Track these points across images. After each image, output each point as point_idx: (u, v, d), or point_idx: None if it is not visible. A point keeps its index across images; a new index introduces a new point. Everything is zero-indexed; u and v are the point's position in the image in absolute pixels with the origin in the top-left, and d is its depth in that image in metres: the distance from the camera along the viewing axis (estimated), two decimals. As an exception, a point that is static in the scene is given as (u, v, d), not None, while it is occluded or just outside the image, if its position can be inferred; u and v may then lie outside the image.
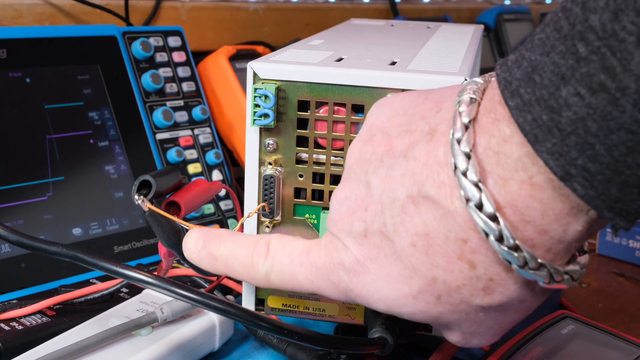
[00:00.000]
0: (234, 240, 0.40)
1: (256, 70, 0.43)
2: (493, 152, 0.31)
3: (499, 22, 1.18)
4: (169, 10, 0.85)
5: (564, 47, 0.29)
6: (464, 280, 0.33)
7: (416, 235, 0.33)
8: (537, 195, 0.31)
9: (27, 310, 0.52)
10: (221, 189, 0.49)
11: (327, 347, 0.42)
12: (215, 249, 0.40)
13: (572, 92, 0.28)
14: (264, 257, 0.38)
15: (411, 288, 0.34)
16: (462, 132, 0.32)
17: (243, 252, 0.39)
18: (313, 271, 0.37)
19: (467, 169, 0.31)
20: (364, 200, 0.35)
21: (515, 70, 0.31)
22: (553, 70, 0.29)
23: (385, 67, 0.43)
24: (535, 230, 0.31)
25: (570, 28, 0.29)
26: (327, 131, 0.43)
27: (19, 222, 0.58)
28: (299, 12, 0.99)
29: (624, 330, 0.52)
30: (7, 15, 0.72)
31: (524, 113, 0.30)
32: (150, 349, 0.46)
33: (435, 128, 0.34)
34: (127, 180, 0.67)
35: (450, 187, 0.32)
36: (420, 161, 0.33)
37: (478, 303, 0.34)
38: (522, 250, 0.31)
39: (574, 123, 0.28)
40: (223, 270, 0.40)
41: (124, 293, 0.56)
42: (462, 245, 0.32)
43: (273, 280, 0.38)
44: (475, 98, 0.33)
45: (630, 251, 0.75)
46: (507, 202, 0.31)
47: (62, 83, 0.65)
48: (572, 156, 0.29)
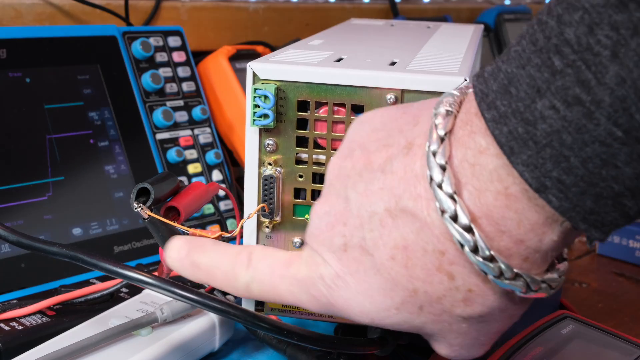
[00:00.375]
0: (216, 249, 0.40)
1: (256, 70, 0.43)
2: (469, 164, 0.31)
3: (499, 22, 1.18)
4: (169, 10, 0.85)
5: (539, 60, 0.29)
6: (444, 291, 0.33)
7: (395, 249, 0.33)
8: (513, 206, 0.31)
9: (27, 310, 0.52)
10: (219, 190, 0.49)
11: (327, 348, 0.42)
12: (197, 257, 0.40)
13: (548, 105, 0.29)
14: (246, 268, 0.38)
15: (394, 300, 0.34)
16: (437, 144, 0.32)
17: (225, 262, 0.39)
18: (294, 284, 0.37)
19: (442, 180, 0.31)
20: (343, 214, 0.35)
21: (491, 82, 0.31)
22: (529, 83, 0.29)
23: (385, 67, 0.43)
24: (512, 240, 0.31)
25: (545, 41, 0.29)
26: (327, 131, 0.43)
27: (19, 222, 0.58)
28: (299, 12, 0.99)
29: (624, 330, 0.52)
30: (7, 15, 0.72)
31: (500, 125, 0.30)
32: (150, 349, 0.46)
33: (412, 141, 0.34)
34: (127, 180, 0.67)
35: (427, 200, 0.32)
36: (397, 175, 0.33)
37: (459, 314, 0.34)
38: (498, 260, 0.31)
39: (549, 135, 0.29)
40: (205, 279, 0.40)
41: (124, 293, 0.56)
42: (440, 257, 0.32)
43: (253, 291, 0.38)
44: (451, 110, 0.33)
45: (630, 251, 0.75)
46: (482, 213, 0.31)
47: (62, 83, 0.65)
48: (547, 168, 0.29)
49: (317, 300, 0.36)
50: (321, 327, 0.54)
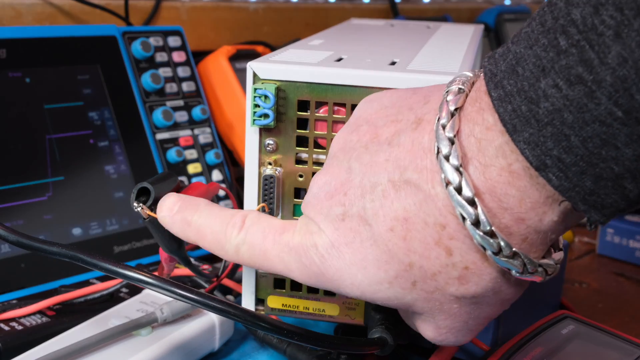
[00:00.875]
0: (210, 210, 0.39)
1: (256, 70, 0.43)
2: (476, 139, 0.32)
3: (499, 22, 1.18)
4: (168, 10, 0.85)
5: (546, 40, 0.29)
6: (440, 267, 0.33)
7: (395, 220, 0.33)
8: (515, 183, 0.31)
9: (27, 310, 0.52)
10: (219, 190, 0.49)
11: (327, 347, 0.42)
12: (189, 214, 0.39)
13: (551, 83, 0.29)
14: (238, 230, 0.38)
15: (387, 273, 0.34)
16: (447, 118, 0.32)
17: (217, 222, 0.39)
18: (285, 250, 0.36)
19: (449, 153, 0.32)
20: (344, 184, 0.35)
21: (501, 63, 0.31)
22: (534, 62, 0.30)
23: (385, 67, 0.43)
24: (512, 218, 0.32)
25: (553, 22, 0.29)
26: (327, 131, 0.43)
27: (19, 222, 0.58)
28: (299, 12, 0.99)
29: (624, 330, 0.52)
30: (7, 15, 0.72)
31: (504, 103, 0.30)
32: (150, 349, 0.46)
33: (421, 117, 0.34)
34: (127, 180, 0.67)
35: (432, 172, 0.33)
36: (404, 147, 0.34)
37: (452, 292, 0.34)
38: (498, 236, 0.31)
39: (550, 114, 0.29)
40: (193, 238, 0.39)
41: (124, 293, 0.56)
42: (440, 230, 0.33)
43: (242, 255, 0.38)
44: (463, 89, 0.33)
45: (630, 251, 0.75)
46: (486, 189, 0.32)
47: (62, 83, 0.65)
48: (548, 147, 0.29)
49: (307, 268, 0.36)
50: (321, 327, 0.54)
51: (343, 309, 0.45)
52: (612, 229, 0.76)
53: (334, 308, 0.46)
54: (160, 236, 0.43)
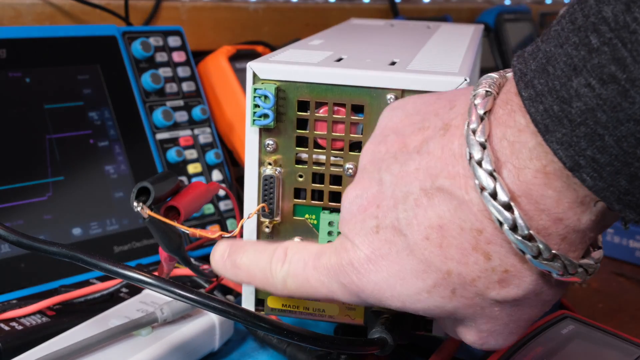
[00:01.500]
0: (255, 248, 0.40)
1: (256, 70, 0.43)
2: (508, 142, 0.31)
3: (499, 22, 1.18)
4: (168, 10, 0.85)
5: (577, 39, 0.29)
6: (479, 272, 0.33)
7: (430, 228, 0.33)
8: (552, 184, 0.31)
9: (27, 310, 0.52)
10: (219, 189, 0.49)
11: (327, 348, 0.42)
12: (238, 258, 0.40)
13: (583, 82, 0.28)
14: (281, 264, 0.38)
15: (425, 282, 0.34)
16: (477, 123, 0.32)
17: (263, 259, 0.39)
18: (324, 273, 0.36)
19: (482, 158, 0.31)
20: (376, 197, 0.35)
21: (530, 62, 0.31)
22: (566, 61, 0.29)
23: (385, 67, 0.43)
24: (550, 218, 0.31)
25: (584, 20, 0.29)
26: (327, 131, 0.43)
27: (19, 222, 0.58)
28: (299, 12, 0.99)
29: (624, 330, 0.52)
30: (7, 15, 0.72)
31: (536, 103, 0.30)
32: (150, 349, 0.46)
33: (449, 123, 0.34)
34: (127, 180, 0.67)
35: (465, 178, 0.32)
36: (434, 155, 0.33)
37: (493, 297, 0.33)
38: (536, 239, 0.31)
39: (583, 114, 0.29)
40: (246, 279, 0.40)
41: (124, 293, 0.56)
42: (477, 235, 0.32)
43: (290, 286, 0.38)
44: (490, 91, 0.33)
45: (630, 251, 0.75)
46: (521, 192, 0.31)
47: (62, 83, 0.65)
48: (582, 147, 0.29)
49: (346, 288, 0.36)
50: (321, 327, 0.54)
51: (343, 309, 0.45)
52: (612, 229, 0.76)
53: (334, 308, 0.46)
54: (160, 236, 0.43)
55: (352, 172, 0.43)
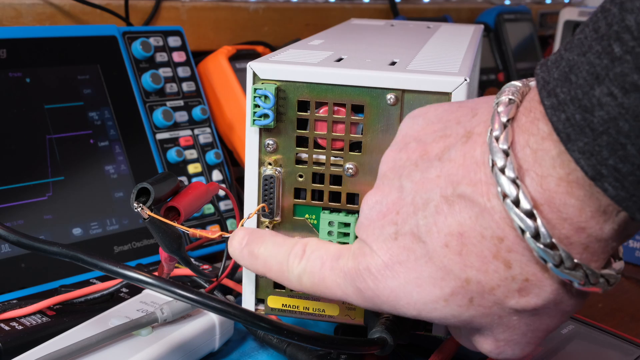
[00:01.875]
0: (274, 241, 0.40)
1: (256, 70, 0.43)
2: (531, 150, 0.31)
3: (499, 22, 1.18)
4: (169, 10, 0.85)
5: (600, 47, 0.29)
6: (499, 280, 0.33)
7: (449, 236, 0.33)
8: (574, 192, 0.31)
9: (27, 310, 0.52)
10: (218, 189, 0.49)
11: (327, 347, 0.42)
12: (256, 247, 0.40)
13: (606, 91, 0.28)
14: (299, 259, 0.38)
15: (443, 290, 0.34)
16: (500, 130, 0.32)
17: (281, 253, 0.39)
18: (341, 276, 0.36)
19: (505, 165, 0.31)
20: (396, 203, 0.35)
21: (553, 71, 0.31)
22: (588, 70, 0.29)
23: (385, 67, 0.43)
24: (573, 228, 0.31)
25: (607, 28, 0.29)
26: (327, 131, 0.43)
27: (19, 222, 0.58)
28: (299, 12, 0.99)
29: (624, 330, 0.52)
30: (7, 15, 0.72)
31: (558, 112, 0.30)
32: (150, 349, 0.46)
33: (471, 130, 0.34)
34: (127, 180, 0.67)
35: (487, 185, 0.32)
36: (456, 162, 0.33)
37: (512, 305, 0.33)
38: (559, 248, 0.31)
39: (606, 123, 0.28)
40: (261, 270, 0.40)
41: (124, 293, 0.56)
42: (498, 243, 0.32)
43: (305, 283, 0.38)
44: (513, 99, 0.33)
45: (630, 251, 0.75)
46: (544, 200, 0.31)
47: (62, 83, 0.65)
48: (604, 156, 0.29)
49: (362, 293, 0.36)
50: (321, 327, 0.54)
51: (343, 309, 0.45)
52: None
53: (334, 308, 0.46)
54: (160, 236, 0.43)
55: (352, 172, 0.43)
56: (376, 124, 0.43)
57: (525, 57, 1.21)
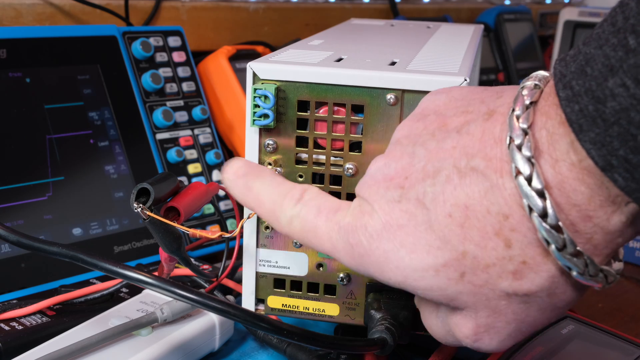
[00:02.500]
0: (273, 179, 0.39)
1: (256, 70, 0.43)
2: (548, 133, 0.32)
3: (499, 22, 1.18)
4: (169, 10, 0.85)
5: (616, 40, 0.29)
6: (495, 259, 0.33)
7: (455, 206, 0.33)
8: (585, 180, 0.31)
9: (27, 310, 0.52)
10: (218, 190, 0.49)
11: (327, 348, 0.42)
12: (252, 180, 0.39)
13: (619, 82, 0.29)
14: (295, 202, 0.38)
15: (436, 260, 0.33)
16: (522, 110, 0.32)
17: (277, 191, 0.38)
18: (335, 229, 0.36)
19: (522, 143, 0.31)
20: (406, 169, 0.35)
21: (571, 64, 0.31)
22: (603, 62, 0.29)
23: (385, 67, 0.43)
24: (580, 215, 0.31)
25: (624, 22, 0.29)
26: (327, 131, 0.43)
27: (19, 222, 0.58)
28: (299, 12, 0.99)
29: (624, 330, 0.52)
30: (7, 15, 0.72)
31: (572, 103, 0.30)
32: (150, 349, 0.46)
33: (494, 109, 0.34)
34: (127, 180, 0.67)
35: (502, 162, 0.32)
36: (474, 136, 0.33)
37: (504, 288, 0.33)
38: (564, 232, 0.31)
39: (617, 113, 0.29)
40: (252, 204, 0.39)
41: (124, 293, 0.56)
42: (502, 220, 0.32)
43: (294, 227, 0.37)
44: (539, 85, 0.33)
45: (630, 251, 0.75)
46: (555, 183, 0.31)
47: (62, 83, 0.65)
48: (614, 146, 0.29)
49: (352, 249, 0.35)
50: (321, 327, 0.54)
51: (343, 309, 0.45)
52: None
53: (334, 308, 0.46)
54: (160, 236, 0.43)
55: (352, 172, 0.43)
56: (376, 124, 0.43)
57: (525, 57, 1.21)
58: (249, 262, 0.46)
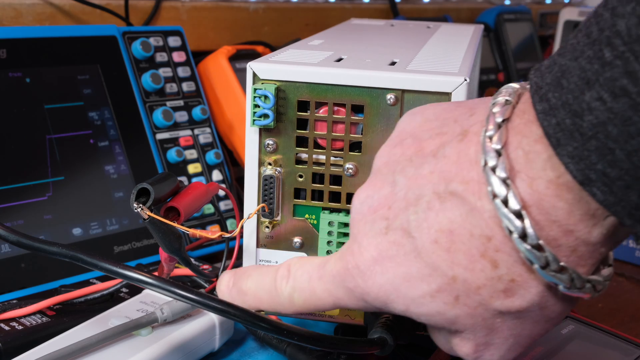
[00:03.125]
0: (259, 271, 0.40)
1: (256, 70, 0.43)
2: (523, 151, 0.31)
3: (499, 22, 1.18)
4: (169, 10, 0.85)
5: (591, 52, 0.29)
6: (485, 280, 0.33)
7: (439, 232, 0.33)
8: (563, 196, 0.31)
9: (27, 310, 0.52)
10: (218, 190, 0.49)
11: (327, 348, 0.42)
12: (243, 284, 0.40)
13: (595, 96, 0.28)
14: (286, 280, 0.38)
15: (430, 286, 0.34)
16: (494, 130, 0.32)
17: (267, 280, 0.39)
18: (329, 281, 0.36)
19: (496, 165, 0.31)
20: (388, 198, 0.35)
21: (547, 75, 0.31)
22: (579, 74, 0.29)
23: (384, 67, 0.43)
24: (561, 230, 0.31)
25: (599, 33, 0.29)
26: (327, 131, 0.43)
27: (19, 222, 0.58)
28: (299, 12, 0.99)
29: (624, 330, 0.52)
30: (7, 15, 0.72)
31: (549, 117, 0.30)
32: (150, 349, 0.46)
33: (467, 129, 0.34)
34: (127, 180, 0.67)
35: (479, 184, 0.32)
36: (450, 159, 0.33)
37: (497, 307, 0.33)
38: (545, 250, 0.31)
39: (595, 127, 0.29)
40: (254, 304, 0.40)
41: (124, 293, 0.56)
42: (486, 242, 0.32)
43: (296, 302, 0.38)
44: (510, 100, 0.33)
45: (630, 251, 0.75)
46: (533, 201, 0.31)
47: (62, 83, 0.65)
48: (592, 160, 0.29)
49: (352, 292, 0.36)
50: (321, 327, 0.54)
51: (343, 309, 0.45)
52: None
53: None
54: (160, 236, 0.43)
55: (352, 172, 0.43)
56: (376, 124, 0.43)
57: (525, 57, 1.21)
58: (249, 262, 0.46)
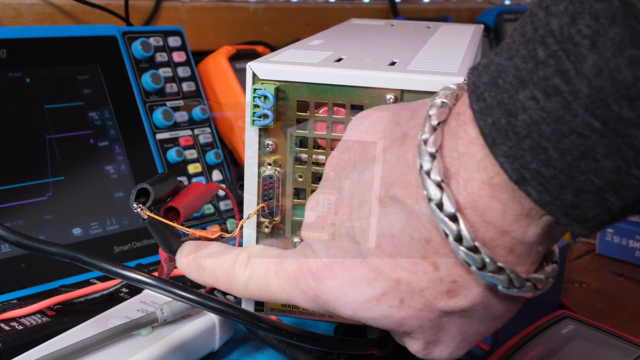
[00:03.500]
0: (220, 251, 0.40)
1: (255, 70, 0.43)
2: (458, 153, 0.32)
3: (499, 22, 1.18)
4: (169, 10, 0.85)
5: (526, 51, 0.29)
6: (428, 282, 0.33)
7: (382, 237, 0.33)
8: (497, 196, 0.31)
9: (27, 310, 0.52)
10: (218, 190, 0.49)
11: (326, 348, 0.42)
12: (203, 260, 0.40)
13: (529, 95, 0.29)
14: (244, 267, 0.38)
15: (375, 290, 0.34)
16: (430, 133, 0.32)
17: (227, 262, 0.39)
18: (285, 279, 0.37)
19: (430, 168, 0.31)
20: (335, 205, 0.36)
21: (484, 75, 0.31)
22: (514, 74, 0.29)
23: (384, 68, 0.43)
24: (496, 230, 0.31)
25: (533, 32, 0.29)
26: (327, 132, 0.43)
27: (19, 222, 0.58)
28: (299, 12, 0.99)
29: (624, 330, 0.52)
30: (7, 15, 0.72)
31: (485, 116, 0.30)
32: (150, 349, 0.46)
33: (407, 133, 0.34)
34: (127, 180, 0.67)
35: (417, 188, 0.32)
36: (390, 164, 0.34)
37: (441, 307, 0.33)
38: (481, 252, 0.31)
39: (528, 127, 0.29)
40: (209, 281, 0.40)
41: (124, 293, 0.56)
42: (425, 245, 0.32)
43: (251, 290, 0.38)
44: (446, 102, 0.33)
45: (630, 251, 0.75)
46: (468, 203, 0.31)
47: (62, 83, 0.65)
48: (527, 160, 0.29)
49: (305, 294, 0.36)
50: (321, 327, 0.54)
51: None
52: (612, 229, 0.76)
53: (334, 308, 0.45)
54: (160, 237, 0.43)
55: (352, 172, 0.43)
56: (376, 124, 0.43)
57: (525, 57, 1.20)
58: (249, 262, 0.46)
